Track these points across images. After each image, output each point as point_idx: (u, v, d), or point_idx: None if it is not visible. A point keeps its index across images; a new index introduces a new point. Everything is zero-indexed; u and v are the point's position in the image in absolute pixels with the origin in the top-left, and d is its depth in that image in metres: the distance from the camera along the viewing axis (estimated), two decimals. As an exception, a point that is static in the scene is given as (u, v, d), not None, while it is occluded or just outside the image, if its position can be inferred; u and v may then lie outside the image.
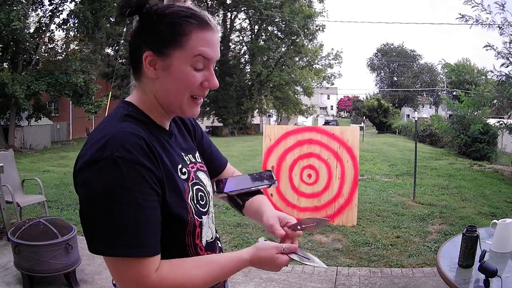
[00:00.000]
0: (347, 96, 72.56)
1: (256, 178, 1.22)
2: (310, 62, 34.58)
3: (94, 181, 0.81)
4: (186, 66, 0.90)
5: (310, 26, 29.80)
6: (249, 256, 0.94)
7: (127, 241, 0.79)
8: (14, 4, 13.45)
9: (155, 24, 0.90)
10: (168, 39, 0.89)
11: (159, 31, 0.90)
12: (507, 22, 7.94)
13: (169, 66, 0.90)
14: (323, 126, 5.82)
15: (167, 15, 0.90)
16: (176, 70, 0.90)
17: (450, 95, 33.00)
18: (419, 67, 53.42)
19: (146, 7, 0.90)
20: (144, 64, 0.91)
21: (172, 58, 0.90)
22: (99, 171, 0.80)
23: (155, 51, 0.90)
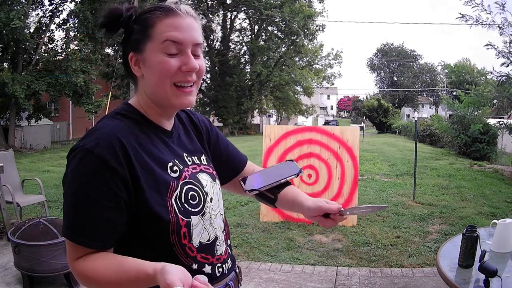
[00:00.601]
0: (347, 96, 72.57)
1: (281, 169, 1.21)
2: (310, 62, 34.57)
3: (67, 167, 0.91)
4: (158, 54, 0.93)
5: (310, 26, 29.78)
6: (152, 272, 0.83)
7: (73, 222, 0.89)
8: (14, 3, 13.45)
9: (131, 27, 0.96)
10: (140, 35, 0.94)
11: (133, 32, 0.95)
12: (507, 22, 7.95)
13: (146, 60, 0.94)
14: (323, 126, 5.82)
15: (137, 16, 0.96)
16: (151, 61, 0.94)
17: (450, 95, 33.02)
18: (419, 67, 53.42)
19: (121, 19, 0.95)
20: (131, 66, 0.97)
21: (146, 52, 0.94)
22: (72, 158, 0.90)
23: (134, 50, 0.96)
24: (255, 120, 39.27)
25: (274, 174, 1.20)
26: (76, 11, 15.80)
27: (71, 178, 0.89)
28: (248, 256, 4.01)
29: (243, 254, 4.06)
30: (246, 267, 3.74)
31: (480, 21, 8.02)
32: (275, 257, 3.99)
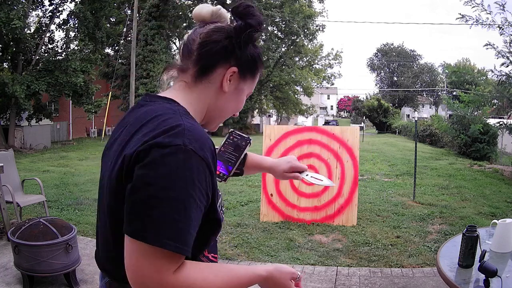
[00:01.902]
0: (347, 96, 72.54)
1: (233, 145, 1.26)
2: (310, 62, 34.57)
3: (161, 165, 0.78)
4: (245, 94, 1.03)
5: (310, 26, 29.78)
6: (266, 274, 0.93)
7: (172, 234, 0.77)
8: (14, 3, 13.45)
9: (250, 49, 0.97)
10: (252, 68, 1.00)
11: (252, 58, 0.98)
12: (507, 22, 7.94)
13: (240, 89, 1.01)
14: (323, 126, 5.82)
15: (258, 49, 1.00)
16: (241, 95, 1.02)
17: (450, 95, 33.01)
18: (419, 67, 53.39)
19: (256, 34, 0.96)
20: (224, 76, 0.96)
21: (245, 84, 1.01)
22: (168, 156, 0.78)
23: (240, 71, 0.97)
24: (255, 120, 39.27)
25: (230, 153, 1.25)
26: (76, 11, 15.80)
27: (169, 181, 0.77)
28: (248, 256, 4.01)
29: (243, 254, 4.06)
30: (246, 267, 3.74)
31: (480, 21, 8.02)
32: (275, 257, 3.99)
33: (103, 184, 0.93)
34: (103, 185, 0.92)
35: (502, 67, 8.38)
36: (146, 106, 0.93)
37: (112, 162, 0.87)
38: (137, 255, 0.78)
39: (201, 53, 0.94)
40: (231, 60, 0.95)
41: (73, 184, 7.47)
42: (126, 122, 0.93)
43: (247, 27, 0.93)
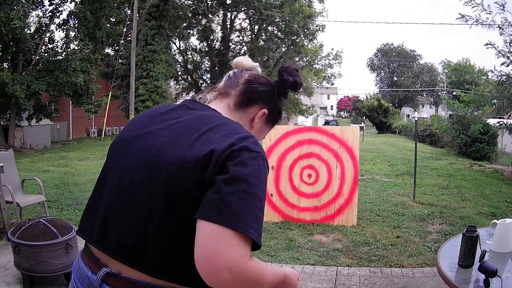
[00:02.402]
0: (347, 96, 72.50)
1: None
2: (310, 62, 34.55)
3: (250, 166, 0.92)
4: (261, 138, 1.23)
5: (310, 26, 29.76)
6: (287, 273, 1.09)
7: (254, 225, 0.88)
8: (14, 3, 13.45)
9: (280, 103, 1.20)
10: (277, 117, 1.22)
11: (279, 110, 1.21)
12: (507, 22, 7.94)
13: (262, 130, 1.21)
14: (323, 126, 5.82)
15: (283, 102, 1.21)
16: (260, 136, 1.21)
17: (450, 95, 33.01)
18: (419, 67, 53.36)
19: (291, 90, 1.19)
20: (257, 113, 1.15)
21: (266, 127, 1.21)
22: (254, 159, 0.93)
23: (268, 115, 1.17)
24: (255, 120, 39.24)
25: None
26: (76, 11, 15.80)
27: (258, 181, 0.92)
28: (248, 256, 4.01)
29: (243, 254, 4.06)
30: (246, 267, 3.74)
31: (480, 21, 8.01)
32: (275, 257, 3.99)
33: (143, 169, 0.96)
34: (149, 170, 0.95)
35: (502, 66, 8.39)
36: (199, 111, 1.07)
37: (178, 149, 0.94)
38: (223, 241, 0.84)
39: (247, 88, 1.14)
40: (266, 104, 1.16)
41: (73, 184, 7.46)
42: (175, 117, 1.04)
43: (294, 84, 1.16)
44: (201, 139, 0.94)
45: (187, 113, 1.04)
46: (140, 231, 0.94)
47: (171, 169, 0.92)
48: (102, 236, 0.99)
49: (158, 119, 1.05)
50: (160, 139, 0.98)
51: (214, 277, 0.84)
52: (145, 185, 0.94)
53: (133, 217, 0.95)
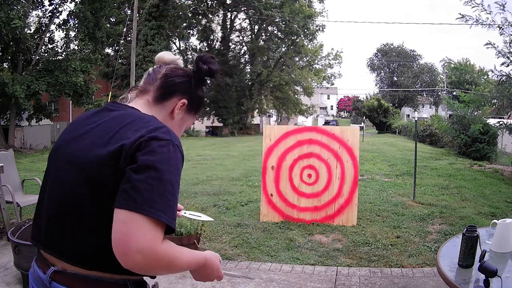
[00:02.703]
0: (347, 96, 72.53)
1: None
2: (310, 62, 34.58)
3: (159, 153, 0.98)
4: (184, 127, 1.28)
5: (310, 26, 29.79)
6: (207, 255, 1.14)
7: (165, 209, 0.94)
8: (14, 3, 13.45)
9: (200, 91, 1.25)
10: (198, 106, 1.26)
11: (199, 98, 1.25)
12: (507, 22, 7.94)
13: (184, 120, 1.25)
14: (323, 126, 5.82)
15: (204, 91, 1.27)
16: (183, 126, 1.26)
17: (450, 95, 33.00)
18: (419, 67, 53.38)
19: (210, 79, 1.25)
20: (176, 105, 1.19)
21: (189, 117, 1.26)
22: (163, 147, 0.99)
23: (188, 104, 1.22)
24: (255, 120, 39.26)
25: None
26: (76, 11, 15.81)
27: (167, 166, 0.97)
28: (248, 256, 4.01)
29: (243, 254, 4.06)
30: (246, 267, 3.74)
31: (480, 21, 8.01)
32: (275, 257, 3.99)
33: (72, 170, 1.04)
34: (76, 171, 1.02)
35: (502, 66, 8.39)
36: (118, 111, 1.12)
37: (97, 148, 1.01)
38: (134, 225, 0.91)
39: (163, 82, 1.19)
40: (185, 94, 1.20)
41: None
42: (96, 121, 1.10)
43: (209, 71, 1.20)
44: (115, 136, 1.01)
45: (107, 114, 1.11)
46: (75, 229, 1.01)
47: (91, 168, 0.99)
48: (47, 239, 1.07)
49: (83, 123, 1.12)
50: (82, 143, 1.06)
51: (127, 259, 0.90)
52: (73, 186, 1.02)
53: (67, 217, 1.02)
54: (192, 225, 3.66)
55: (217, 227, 4.78)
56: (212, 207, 5.71)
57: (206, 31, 30.62)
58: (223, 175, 8.69)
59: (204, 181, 7.89)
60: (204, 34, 30.79)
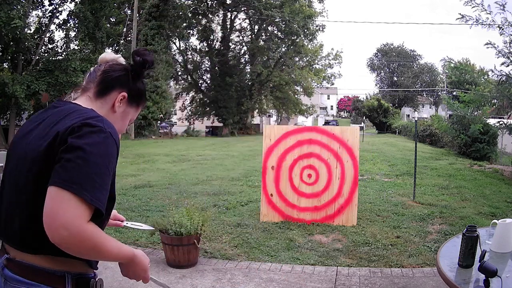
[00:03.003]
0: (347, 96, 72.52)
1: None
2: (310, 62, 34.57)
3: (88, 137, 1.04)
4: (128, 120, 1.32)
5: (310, 26, 29.78)
6: (136, 253, 1.19)
7: (90, 189, 1.00)
8: (15, 3, 13.46)
9: (139, 84, 1.30)
10: (139, 98, 1.31)
11: (139, 91, 1.30)
12: (507, 22, 7.94)
13: (127, 113, 1.29)
14: (323, 126, 5.82)
15: (144, 83, 1.32)
16: (127, 118, 1.31)
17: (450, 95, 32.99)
18: (419, 67, 53.38)
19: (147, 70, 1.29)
20: (116, 98, 1.24)
21: (131, 110, 1.30)
22: (94, 132, 1.05)
23: (129, 97, 1.27)
24: (255, 120, 39.26)
25: None
26: (76, 11, 15.81)
27: (96, 150, 1.04)
28: (248, 256, 4.01)
29: (243, 254, 4.06)
30: (246, 267, 3.74)
31: (480, 21, 8.01)
32: (275, 257, 3.99)
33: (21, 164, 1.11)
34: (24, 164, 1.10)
35: (502, 66, 8.39)
36: (62, 107, 1.19)
37: (40, 140, 1.09)
38: (61, 202, 0.97)
39: (102, 77, 1.24)
40: (124, 88, 1.25)
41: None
42: (43, 117, 1.18)
43: (143, 62, 1.25)
44: (54, 128, 1.09)
45: (52, 111, 1.19)
46: (22, 216, 1.08)
47: (36, 159, 1.07)
48: (3, 228, 1.14)
49: (33, 120, 1.21)
50: (30, 138, 1.14)
51: (54, 234, 0.97)
52: (23, 178, 1.09)
53: (17, 206, 1.10)
54: (192, 225, 3.67)
55: (217, 227, 4.78)
56: (212, 207, 5.71)
57: (206, 31, 30.61)
58: (223, 175, 8.69)
59: (204, 181, 7.89)
60: (204, 34, 30.79)
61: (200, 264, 3.80)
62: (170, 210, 4.02)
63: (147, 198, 6.34)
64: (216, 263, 3.86)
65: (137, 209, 5.62)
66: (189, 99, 34.04)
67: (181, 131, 30.09)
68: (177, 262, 3.69)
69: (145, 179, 8.08)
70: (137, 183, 7.59)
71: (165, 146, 16.29)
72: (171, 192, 6.78)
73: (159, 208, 5.65)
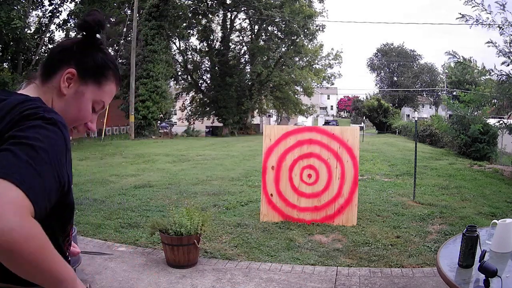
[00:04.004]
0: (347, 96, 72.53)
1: None
2: (310, 62, 34.57)
3: (34, 128, 0.86)
4: (89, 102, 1.04)
5: (310, 26, 29.78)
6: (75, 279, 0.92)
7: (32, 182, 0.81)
8: (15, 3, 13.46)
9: (93, 53, 1.04)
10: (95, 72, 1.03)
11: (93, 60, 1.03)
12: (507, 22, 7.94)
13: (80, 93, 1.03)
14: (323, 126, 5.82)
15: (105, 54, 1.06)
16: (84, 101, 1.03)
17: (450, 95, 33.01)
18: (419, 67, 53.40)
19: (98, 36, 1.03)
20: (62, 77, 1.00)
21: (87, 89, 1.03)
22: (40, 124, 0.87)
23: (79, 73, 1.01)
24: (255, 120, 39.26)
25: None
26: (76, 11, 15.82)
27: (46, 138, 0.86)
28: (248, 256, 4.01)
29: (243, 254, 4.06)
30: (246, 267, 3.74)
31: (480, 21, 8.01)
32: (275, 257, 3.99)
33: None
34: None
35: (502, 66, 8.39)
36: (6, 99, 0.99)
37: None
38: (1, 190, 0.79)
39: (46, 58, 1.04)
40: (70, 63, 1.01)
41: (73, 184, 7.45)
42: None
43: (84, 24, 1.01)
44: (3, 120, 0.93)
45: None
46: None
47: None
48: None
49: None
50: None
51: None
52: None
53: None
54: (192, 225, 3.67)
55: (217, 227, 4.78)
56: (212, 207, 5.71)
57: (206, 31, 30.61)
58: (223, 175, 8.69)
59: (204, 181, 7.89)
60: (204, 34, 30.79)
61: (200, 264, 3.80)
62: (170, 210, 4.02)
63: (147, 198, 6.34)
64: (216, 263, 3.86)
65: (137, 209, 5.62)
66: (189, 99, 34.03)
67: (181, 131, 30.10)
68: (177, 262, 3.69)
69: (145, 179, 8.08)
70: (137, 183, 7.58)
71: (165, 146, 16.29)
72: (171, 192, 6.78)
73: (159, 208, 5.65)
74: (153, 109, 22.22)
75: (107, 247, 4.24)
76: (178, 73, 31.75)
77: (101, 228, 4.78)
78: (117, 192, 6.81)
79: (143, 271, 3.62)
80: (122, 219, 5.13)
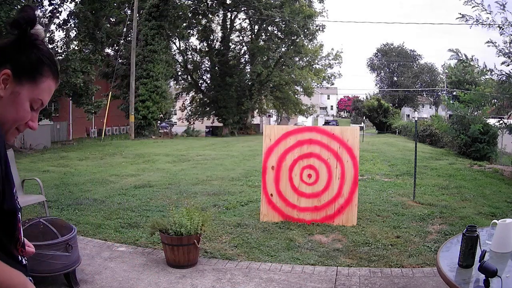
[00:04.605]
0: (347, 96, 72.53)
1: None
2: (310, 62, 34.57)
3: None
4: (27, 101, 0.99)
5: (310, 26, 29.77)
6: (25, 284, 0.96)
7: None
8: (15, 3, 13.46)
9: (27, 50, 0.99)
10: (30, 70, 0.98)
11: (27, 58, 0.98)
12: (507, 22, 7.94)
13: (17, 93, 0.97)
14: (323, 126, 5.82)
15: (40, 49, 1.00)
16: (20, 100, 0.98)
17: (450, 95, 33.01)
18: (419, 67, 53.41)
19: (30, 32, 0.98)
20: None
21: (23, 88, 0.98)
22: None
23: (14, 73, 0.96)
24: (255, 120, 39.26)
25: None
26: (76, 11, 15.82)
27: None
28: (248, 256, 4.01)
29: (243, 254, 4.06)
30: (246, 267, 3.74)
31: (480, 21, 8.01)
32: (275, 257, 3.99)
33: None
34: None
35: (502, 66, 8.39)
36: None
37: None
38: None
39: None
40: (5, 64, 0.96)
41: (73, 184, 7.47)
42: None
43: (13, 21, 0.97)
44: None
45: None
46: None
47: None
48: None
49: None
50: None
51: None
52: None
53: None
54: (192, 225, 3.67)
55: (217, 227, 4.78)
56: (212, 207, 5.71)
57: (206, 31, 30.60)
58: (223, 175, 8.69)
59: (204, 181, 7.89)
60: (204, 34, 30.78)
61: (200, 264, 3.80)
62: (170, 210, 4.02)
63: (147, 198, 6.34)
64: (216, 263, 3.86)
65: (137, 209, 5.62)
66: (189, 99, 34.04)
67: (181, 131, 30.10)
68: (177, 262, 3.69)
69: (145, 179, 8.08)
70: (137, 183, 7.58)
71: (165, 146, 16.29)
72: (171, 192, 6.78)
73: (159, 208, 5.65)
74: (153, 109, 22.23)
75: (107, 247, 4.24)
76: (178, 73, 31.75)
77: (101, 228, 4.78)
78: (117, 192, 6.81)
79: (143, 271, 3.63)
80: (122, 219, 5.13)
